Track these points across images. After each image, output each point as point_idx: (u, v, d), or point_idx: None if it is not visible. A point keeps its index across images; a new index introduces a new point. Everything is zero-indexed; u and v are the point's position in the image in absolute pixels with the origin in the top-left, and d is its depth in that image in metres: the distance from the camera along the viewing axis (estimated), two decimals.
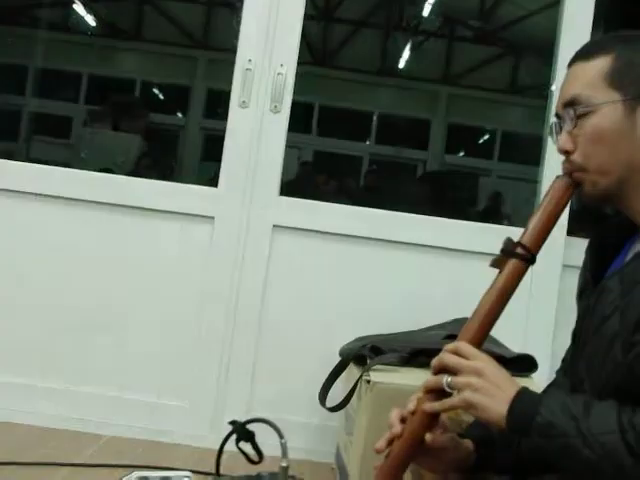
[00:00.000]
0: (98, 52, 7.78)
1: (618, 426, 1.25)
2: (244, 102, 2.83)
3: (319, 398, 2.44)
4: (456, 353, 1.41)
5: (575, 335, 1.53)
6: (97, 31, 7.90)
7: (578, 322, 1.51)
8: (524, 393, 1.35)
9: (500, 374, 1.39)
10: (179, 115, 8.32)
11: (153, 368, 2.83)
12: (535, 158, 3.04)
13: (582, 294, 1.54)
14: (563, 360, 1.67)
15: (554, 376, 1.70)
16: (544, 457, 1.32)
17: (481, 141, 8.68)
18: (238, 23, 2.89)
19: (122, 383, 2.82)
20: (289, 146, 2.91)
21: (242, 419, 1.71)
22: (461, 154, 8.80)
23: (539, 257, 2.77)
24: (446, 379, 1.39)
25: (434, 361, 1.44)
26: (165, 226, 2.85)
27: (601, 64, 1.40)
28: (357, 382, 2.30)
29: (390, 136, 8.02)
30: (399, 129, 8.13)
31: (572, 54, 1.50)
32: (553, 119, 1.51)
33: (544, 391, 1.64)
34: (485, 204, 7.23)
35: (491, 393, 1.35)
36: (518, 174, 6.22)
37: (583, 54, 1.45)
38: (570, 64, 1.48)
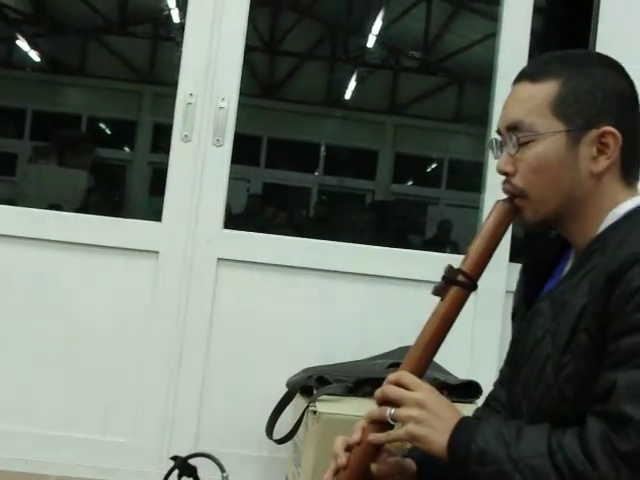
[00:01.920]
0: (43, 88, 7.74)
1: (547, 449, 1.26)
2: (186, 136, 2.84)
3: (266, 430, 2.43)
4: (398, 384, 1.40)
5: (510, 357, 1.53)
6: (41, 67, 7.87)
7: (513, 344, 1.52)
8: (463, 423, 1.35)
9: (442, 404, 1.39)
10: (126, 150, 8.30)
11: (97, 405, 2.79)
12: (479, 185, 3.08)
13: (516, 315, 1.56)
14: (500, 371, 1.68)
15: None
16: None
17: (428, 170, 8.77)
18: (179, 57, 2.90)
19: (66, 421, 2.78)
20: (238, 179, 2.92)
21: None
22: (409, 183, 8.88)
23: (483, 284, 2.80)
24: (389, 412, 1.38)
25: (377, 392, 1.42)
26: (109, 261, 2.83)
27: (548, 90, 1.38)
28: (303, 413, 2.30)
29: (338, 167, 8.08)
30: (347, 160, 8.19)
31: (509, 82, 1.47)
32: (494, 134, 1.48)
33: (484, 403, 1.67)
34: (434, 232, 7.29)
35: (433, 425, 1.35)
36: (465, 201, 6.29)
37: (530, 74, 1.42)
38: (516, 81, 1.44)
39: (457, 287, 1.44)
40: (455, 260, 1.50)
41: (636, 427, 1.20)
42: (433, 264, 2.69)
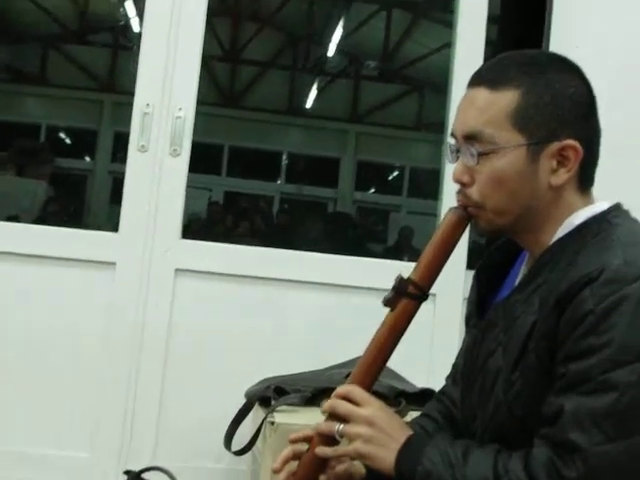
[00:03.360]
0: (1, 97, 7.66)
1: (493, 473, 1.26)
2: (143, 146, 2.82)
3: (224, 442, 2.41)
4: (347, 398, 1.40)
5: (465, 367, 1.53)
6: (0, 76, 7.79)
7: (467, 352, 1.51)
8: (411, 442, 1.35)
9: (391, 422, 1.38)
10: (87, 159, 8.24)
11: (53, 419, 2.76)
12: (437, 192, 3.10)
13: (469, 321, 1.55)
14: (453, 366, 1.68)
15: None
16: None
17: (390, 178, 8.80)
18: (135, 67, 2.89)
19: (21, 437, 2.74)
20: (199, 188, 2.91)
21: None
22: (371, 191, 8.90)
23: (441, 291, 2.82)
24: (337, 427, 1.38)
25: (326, 405, 1.42)
26: (66, 273, 2.80)
27: (507, 100, 1.35)
28: (262, 424, 2.29)
29: (300, 175, 8.08)
30: (309, 168, 8.20)
31: (465, 90, 1.42)
32: (450, 139, 1.45)
33: (435, 397, 1.67)
34: (396, 239, 7.31)
35: (382, 443, 1.35)
36: (425, 209, 6.32)
37: (489, 80, 1.38)
38: (473, 85, 1.40)
39: (407, 299, 1.42)
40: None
41: (582, 455, 1.21)
42: (393, 272, 2.69)
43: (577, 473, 1.21)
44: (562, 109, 1.36)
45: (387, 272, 2.79)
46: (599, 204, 1.41)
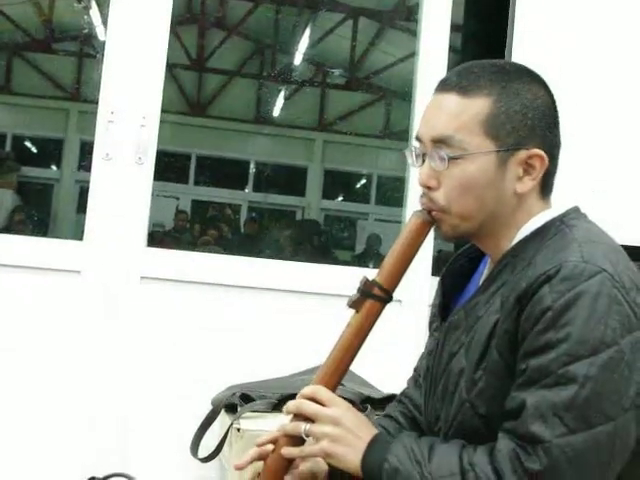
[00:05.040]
0: None
1: (459, 468, 1.28)
2: (108, 155, 2.82)
3: (191, 448, 2.42)
4: (313, 399, 1.41)
5: (427, 369, 1.55)
6: None
7: (430, 355, 1.54)
8: (377, 441, 1.37)
9: (357, 421, 1.40)
10: (53, 168, 8.18)
11: (18, 425, 2.74)
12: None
13: (432, 325, 1.58)
14: (415, 369, 1.71)
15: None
16: None
17: (358, 185, 8.82)
18: (100, 75, 2.89)
19: None
20: (167, 196, 2.91)
21: None
22: (339, 199, 8.92)
23: (406, 297, 2.84)
24: (304, 427, 1.39)
25: (291, 405, 1.43)
26: (30, 282, 2.79)
27: (478, 107, 1.38)
28: (228, 430, 2.29)
29: (268, 184, 8.09)
30: (276, 177, 8.20)
31: (428, 98, 1.44)
32: (415, 143, 1.45)
33: (396, 399, 1.71)
34: (363, 247, 7.33)
35: (348, 442, 1.36)
36: (392, 216, 6.34)
37: (460, 87, 1.39)
38: (442, 89, 1.42)
39: (372, 300, 1.45)
40: None
41: (544, 447, 1.23)
42: (359, 279, 2.71)
43: (540, 464, 1.23)
44: (531, 119, 1.39)
45: (354, 279, 2.83)
46: (557, 208, 1.44)
